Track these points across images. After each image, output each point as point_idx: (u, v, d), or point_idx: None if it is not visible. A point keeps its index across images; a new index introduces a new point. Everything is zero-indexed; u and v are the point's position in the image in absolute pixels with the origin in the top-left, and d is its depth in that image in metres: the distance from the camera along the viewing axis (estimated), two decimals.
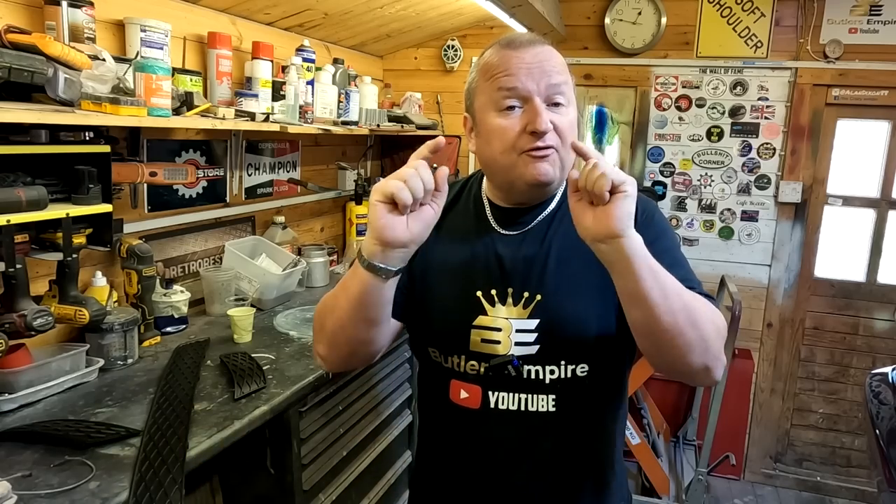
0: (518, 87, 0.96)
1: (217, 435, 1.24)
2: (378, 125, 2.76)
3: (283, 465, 1.53)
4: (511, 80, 0.97)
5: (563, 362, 1.02)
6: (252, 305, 2.04)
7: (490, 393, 1.03)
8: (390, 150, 3.42)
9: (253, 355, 1.64)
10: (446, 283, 1.07)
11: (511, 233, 1.07)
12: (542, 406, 1.03)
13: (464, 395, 1.04)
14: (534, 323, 1.01)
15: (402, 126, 2.91)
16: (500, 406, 1.03)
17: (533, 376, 1.02)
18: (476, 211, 1.11)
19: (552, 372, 1.02)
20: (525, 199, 1.06)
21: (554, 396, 1.03)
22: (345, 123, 2.51)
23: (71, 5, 1.45)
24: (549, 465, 1.05)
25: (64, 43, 1.33)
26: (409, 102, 3.15)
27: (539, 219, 1.07)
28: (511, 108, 0.98)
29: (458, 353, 1.04)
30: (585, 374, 1.03)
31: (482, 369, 1.03)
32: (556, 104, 0.98)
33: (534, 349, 1.01)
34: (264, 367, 1.58)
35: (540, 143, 0.96)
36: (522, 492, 1.06)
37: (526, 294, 1.02)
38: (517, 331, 1.01)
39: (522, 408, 1.03)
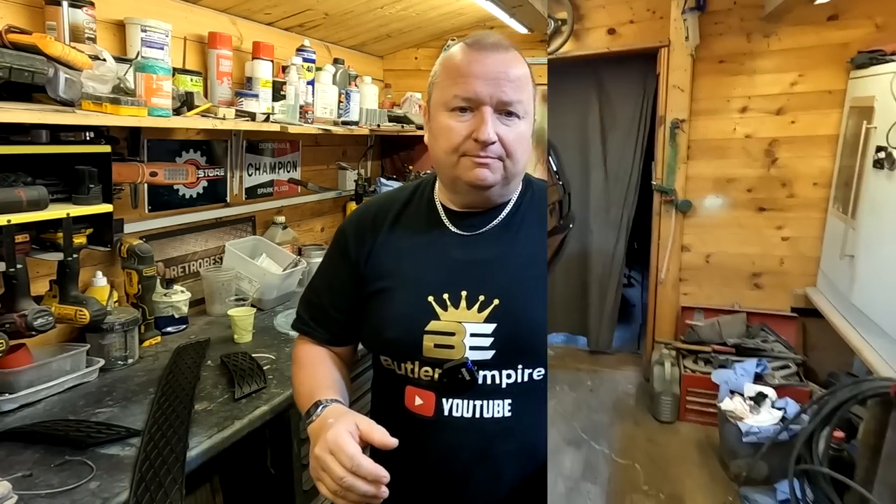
0: (471, 97, 0.96)
1: (217, 435, 1.24)
2: (378, 125, 2.76)
3: (283, 465, 1.53)
4: (466, 88, 0.96)
5: (520, 366, 1.00)
6: (252, 305, 2.04)
7: (444, 400, 1.00)
8: (390, 150, 3.42)
9: (253, 355, 1.64)
10: (398, 290, 1.04)
11: (465, 233, 1.05)
12: (498, 412, 1.00)
13: (419, 401, 1.02)
14: (490, 327, 0.98)
15: (403, 126, 2.91)
16: (455, 413, 0.99)
17: (489, 381, 0.99)
18: (428, 213, 1.09)
19: (509, 376, 1.00)
20: (470, 200, 1.05)
21: (510, 401, 1.00)
22: (345, 123, 2.52)
23: (71, 5, 1.46)
24: (502, 470, 1.02)
25: (64, 43, 1.33)
26: (410, 102, 3.15)
27: (495, 222, 1.05)
28: (463, 109, 0.97)
29: (411, 359, 1.02)
30: (541, 377, 1.02)
31: (436, 375, 1.00)
32: (509, 114, 0.97)
33: (489, 354, 0.98)
34: (264, 367, 1.58)
35: (482, 153, 0.96)
36: (475, 499, 1.03)
37: (482, 297, 0.99)
38: (472, 335, 0.99)
39: (477, 415, 0.99)
